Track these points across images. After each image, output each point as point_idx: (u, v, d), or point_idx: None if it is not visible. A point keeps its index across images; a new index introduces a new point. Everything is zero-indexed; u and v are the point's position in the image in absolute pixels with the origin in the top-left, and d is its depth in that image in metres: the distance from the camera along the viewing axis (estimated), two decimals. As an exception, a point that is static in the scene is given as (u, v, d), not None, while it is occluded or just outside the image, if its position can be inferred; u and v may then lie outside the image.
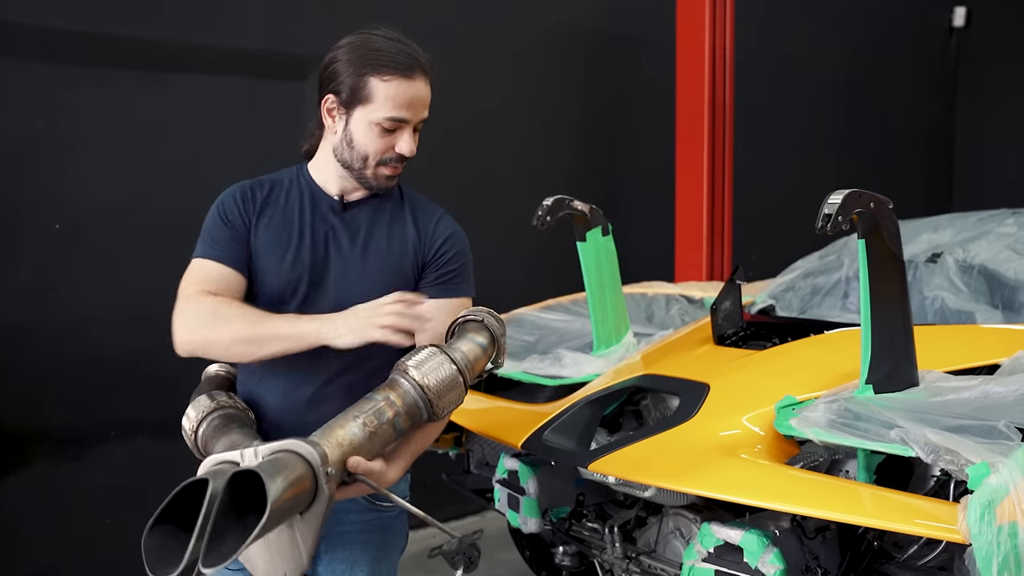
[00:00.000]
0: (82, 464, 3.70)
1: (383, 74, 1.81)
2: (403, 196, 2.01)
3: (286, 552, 1.59)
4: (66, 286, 3.64)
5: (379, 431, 1.67)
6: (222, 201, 1.93)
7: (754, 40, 5.50)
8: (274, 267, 1.89)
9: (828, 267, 3.49)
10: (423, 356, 1.76)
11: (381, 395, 1.71)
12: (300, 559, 1.58)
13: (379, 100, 1.82)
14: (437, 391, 1.73)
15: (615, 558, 2.53)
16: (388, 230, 1.95)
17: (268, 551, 1.60)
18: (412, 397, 1.72)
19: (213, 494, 1.42)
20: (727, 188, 4.88)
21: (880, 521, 1.84)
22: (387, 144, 1.86)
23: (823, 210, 2.08)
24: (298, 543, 1.57)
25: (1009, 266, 3.04)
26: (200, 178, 3.89)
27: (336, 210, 1.94)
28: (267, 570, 1.62)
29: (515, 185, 4.87)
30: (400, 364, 1.76)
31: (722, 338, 2.82)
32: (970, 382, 2.21)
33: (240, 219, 1.90)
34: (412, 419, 1.74)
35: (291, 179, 1.98)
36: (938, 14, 7.18)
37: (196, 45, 3.90)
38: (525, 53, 4.98)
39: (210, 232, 1.90)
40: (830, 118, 6.41)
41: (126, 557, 3.76)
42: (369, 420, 1.66)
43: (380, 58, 1.82)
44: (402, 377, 1.73)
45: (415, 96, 1.84)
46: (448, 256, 1.96)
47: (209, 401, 1.88)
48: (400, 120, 1.84)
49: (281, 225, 1.92)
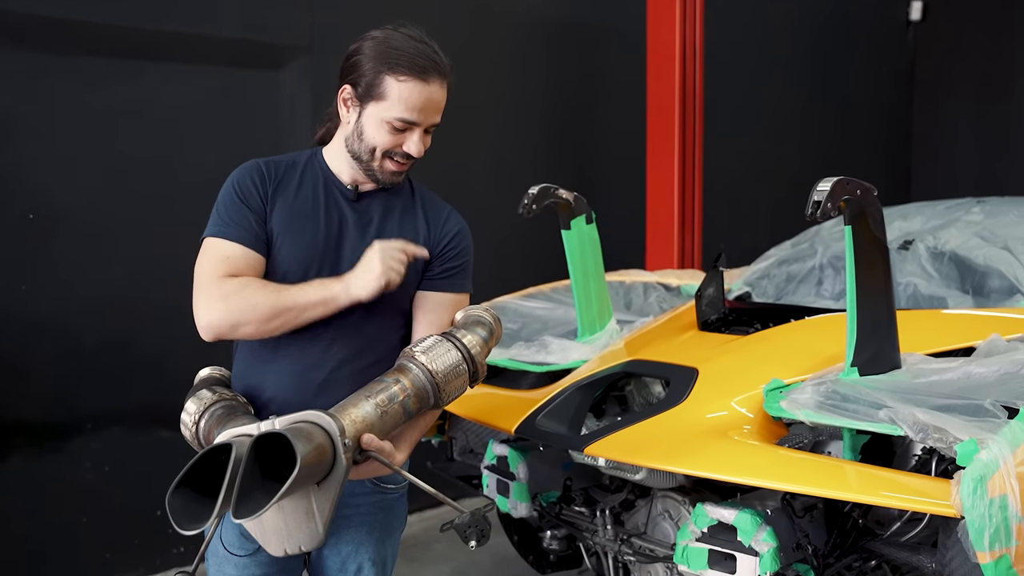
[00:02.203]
0: (59, 456, 3.66)
1: (399, 74, 1.82)
2: (414, 190, 2.03)
3: (302, 523, 1.60)
4: (40, 276, 3.60)
5: (390, 411, 1.71)
6: (238, 178, 1.90)
7: (721, 31, 5.57)
8: (289, 250, 1.88)
9: (802, 255, 3.56)
10: (430, 343, 1.81)
11: (391, 378, 1.75)
12: (316, 530, 1.60)
13: (392, 99, 1.83)
14: (444, 376, 1.78)
15: (607, 540, 2.57)
16: (400, 222, 1.96)
17: (284, 522, 1.61)
18: (421, 381, 1.76)
19: (238, 456, 1.46)
20: (697, 177, 4.95)
21: (877, 498, 1.91)
22: (395, 142, 1.86)
23: (812, 197, 2.13)
24: (314, 514, 1.59)
25: (978, 252, 3.13)
26: (175, 167, 3.86)
27: (349, 199, 1.95)
28: (282, 541, 1.63)
29: (485, 175, 4.90)
30: (408, 351, 1.80)
31: (706, 324, 2.87)
32: (951, 364, 2.29)
33: (257, 197, 1.87)
34: (421, 402, 1.78)
35: (306, 162, 1.97)
36: (896, 8, 7.34)
37: (171, 32, 3.86)
38: (493, 40, 5.00)
39: (226, 210, 1.86)
40: (793, 109, 6.53)
41: (104, 548, 3.76)
42: (381, 401, 1.70)
43: (399, 57, 1.82)
44: (410, 362, 1.78)
45: (428, 100, 1.84)
46: (455, 251, 1.99)
47: (210, 394, 1.88)
48: (410, 122, 1.85)
49: (297, 207, 1.90)
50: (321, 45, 4.19)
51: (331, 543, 1.98)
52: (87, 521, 3.72)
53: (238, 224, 1.85)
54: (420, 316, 1.98)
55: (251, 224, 1.85)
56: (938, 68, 7.30)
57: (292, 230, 1.89)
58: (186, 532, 1.48)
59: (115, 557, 3.80)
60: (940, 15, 7.26)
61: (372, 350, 1.90)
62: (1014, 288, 2.99)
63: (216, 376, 2.03)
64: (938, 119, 7.31)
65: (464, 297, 2.02)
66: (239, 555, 1.96)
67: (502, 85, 5.06)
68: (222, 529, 1.99)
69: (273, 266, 1.88)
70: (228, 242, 1.84)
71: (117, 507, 3.77)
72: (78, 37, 3.67)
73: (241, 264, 1.83)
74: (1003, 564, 1.72)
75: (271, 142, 4.06)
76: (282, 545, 1.65)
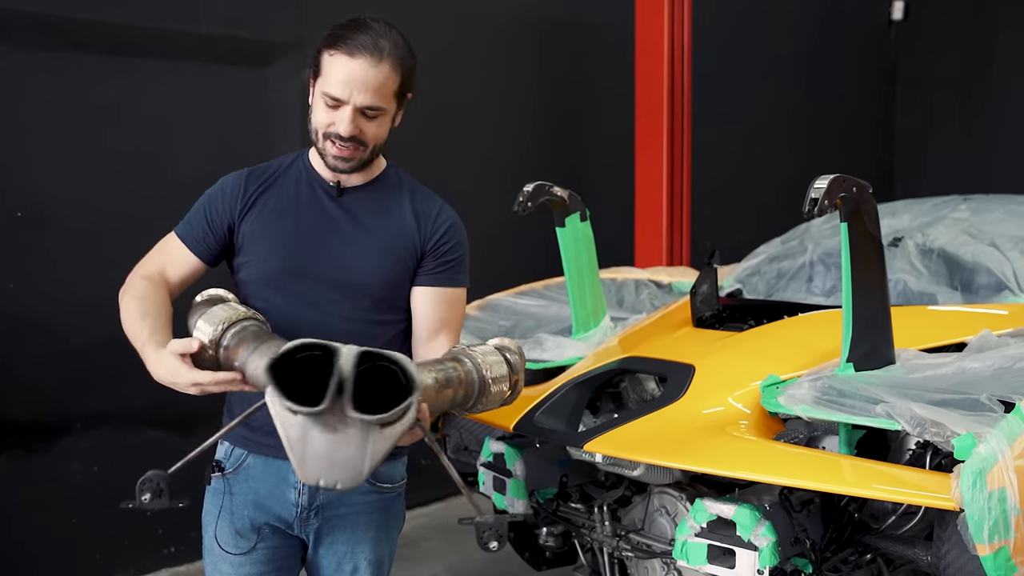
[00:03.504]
0: (49, 456, 3.64)
1: (331, 49, 1.83)
2: (401, 184, 2.02)
3: (350, 458, 1.51)
4: (29, 275, 3.57)
5: (444, 393, 1.70)
6: (216, 188, 1.99)
7: (708, 33, 5.60)
8: (265, 252, 1.92)
9: (791, 252, 3.59)
10: (487, 348, 1.82)
11: (450, 363, 1.75)
12: (360, 471, 1.51)
13: (324, 74, 1.84)
14: (493, 378, 1.78)
15: (605, 536, 2.59)
16: (386, 216, 1.96)
17: (332, 451, 1.51)
18: (473, 376, 1.76)
19: (344, 360, 1.46)
20: (686, 176, 4.98)
21: (879, 492, 1.93)
22: (329, 120, 1.85)
23: (810, 195, 2.16)
24: (366, 454, 1.51)
25: (967, 249, 3.18)
26: (163, 165, 3.84)
27: (332, 195, 1.95)
28: (320, 470, 1.52)
29: (474, 173, 4.90)
30: (465, 349, 1.80)
31: (700, 320, 2.89)
32: (945, 359, 2.32)
33: (222, 212, 1.95)
34: (466, 396, 1.76)
35: (291, 164, 2.00)
36: (878, 8, 7.40)
37: (159, 29, 3.84)
38: (482, 39, 4.99)
39: (194, 212, 1.98)
40: (775, 108, 6.57)
41: (94, 549, 3.73)
42: (440, 378, 1.69)
43: (337, 36, 1.84)
44: (467, 357, 1.78)
45: (350, 76, 1.80)
46: (449, 246, 1.99)
47: (229, 311, 1.73)
48: (336, 98, 1.82)
49: (275, 212, 1.94)
50: (310, 42, 4.10)
51: (327, 542, 1.98)
52: (76, 522, 3.69)
53: (193, 228, 1.97)
54: (419, 312, 1.98)
55: (203, 233, 1.96)
56: (920, 67, 7.37)
57: (269, 232, 1.93)
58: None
59: (105, 557, 3.77)
60: (922, 15, 7.33)
61: (374, 344, 1.89)
62: (1002, 284, 3.03)
63: (222, 296, 1.87)
64: (920, 118, 7.39)
65: (461, 291, 2.02)
66: (234, 553, 1.96)
67: (492, 83, 5.06)
68: (217, 528, 1.99)
69: (251, 269, 1.94)
70: (177, 240, 1.98)
71: (107, 507, 3.73)
72: (64, 34, 3.64)
73: (174, 261, 1.97)
74: (1002, 556, 1.74)
75: (259, 140, 4.04)
76: (318, 474, 1.52)
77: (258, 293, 1.93)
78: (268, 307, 1.90)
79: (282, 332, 1.80)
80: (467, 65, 4.90)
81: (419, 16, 4.58)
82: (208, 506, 2.02)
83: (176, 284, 1.97)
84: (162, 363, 1.71)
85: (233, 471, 1.98)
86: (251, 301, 1.92)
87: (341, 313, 1.91)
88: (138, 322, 1.81)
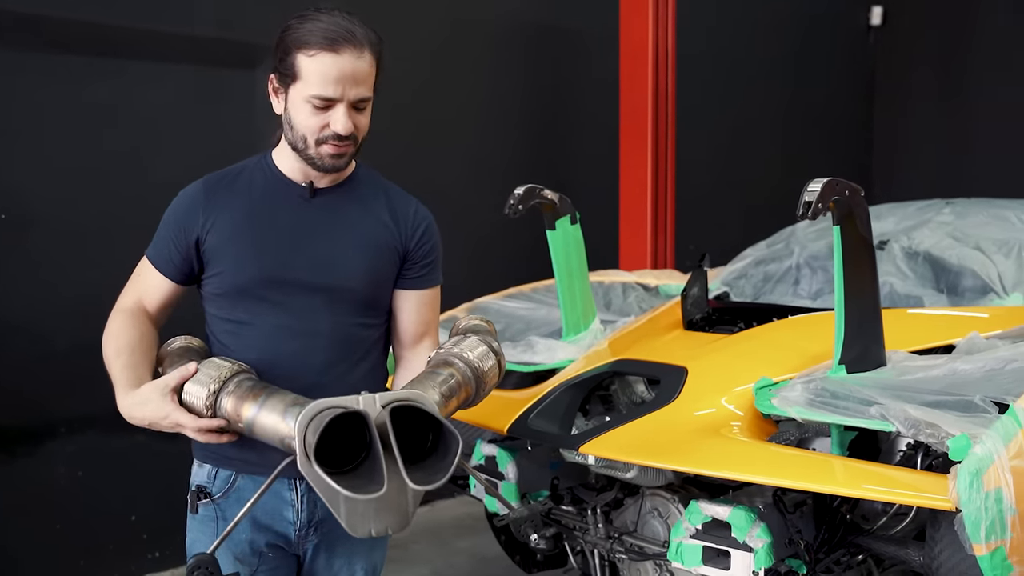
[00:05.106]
0: (32, 460, 3.60)
1: (308, 49, 1.75)
2: (375, 182, 1.98)
3: (395, 506, 1.55)
4: (13, 277, 3.53)
5: (449, 404, 1.76)
6: (176, 203, 1.92)
7: (691, 38, 5.63)
8: (235, 261, 1.85)
9: (778, 255, 3.61)
10: (471, 342, 1.87)
11: (446, 372, 1.79)
12: (406, 514, 1.57)
13: (306, 77, 1.75)
14: (485, 370, 1.86)
15: (598, 539, 2.59)
16: (365, 215, 1.92)
17: (379, 507, 1.56)
18: (469, 375, 1.82)
19: (380, 424, 1.49)
20: (670, 179, 5.00)
21: (877, 493, 1.94)
22: (321, 123, 1.78)
23: (803, 198, 2.17)
24: (408, 499, 1.56)
25: (952, 252, 3.21)
26: (149, 168, 3.81)
27: (306, 198, 1.89)
28: (368, 522, 1.56)
29: (460, 177, 4.90)
30: (451, 350, 1.85)
31: (691, 323, 2.90)
32: (936, 361, 2.34)
33: (186, 227, 1.87)
34: (467, 396, 1.83)
35: (252, 168, 1.93)
36: (857, 13, 7.47)
37: (146, 31, 3.81)
38: (469, 44, 5.00)
39: (159, 231, 1.93)
40: (754, 111, 6.61)
41: (79, 554, 3.70)
42: (444, 391, 1.74)
43: (307, 34, 1.75)
44: (457, 359, 1.83)
45: (341, 72, 1.75)
46: (428, 247, 1.98)
47: (227, 363, 1.75)
48: (328, 98, 1.76)
49: (244, 219, 1.86)
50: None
51: (324, 555, 1.96)
52: (61, 527, 3.65)
53: (161, 249, 1.91)
54: (404, 315, 1.98)
55: (169, 253, 1.89)
56: (898, 72, 7.45)
57: (237, 241, 1.85)
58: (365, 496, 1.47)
59: (89, 563, 3.73)
60: (900, 20, 7.41)
61: (358, 348, 1.92)
62: (987, 287, 3.06)
63: (196, 347, 1.89)
64: (898, 122, 7.46)
65: (437, 290, 2.03)
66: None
67: (479, 88, 5.07)
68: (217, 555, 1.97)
69: (223, 280, 1.87)
70: (152, 268, 1.92)
71: (91, 512, 3.71)
72: (52, 35, 3.61)
73: (151, 288, 1.92)
74: (998, 556, 1.76)
75: (246, 142, 4.00)
76: (368, 526, 1.56)
77: (232, 306, 1.86)
78: (244, 319, 1.85)
79: (260, 347, 1.82)
80: (454, 70, 4.90)
81: (407, 22, 4.58)
82: (197, 535, 1.92)
83: (156, 311, 1.92)
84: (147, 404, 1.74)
85: (223, 495, 1.89)
86: (224, 315, 1.87)
87: (324, 318, 1.86)
88: (112, 362, 1.81)
